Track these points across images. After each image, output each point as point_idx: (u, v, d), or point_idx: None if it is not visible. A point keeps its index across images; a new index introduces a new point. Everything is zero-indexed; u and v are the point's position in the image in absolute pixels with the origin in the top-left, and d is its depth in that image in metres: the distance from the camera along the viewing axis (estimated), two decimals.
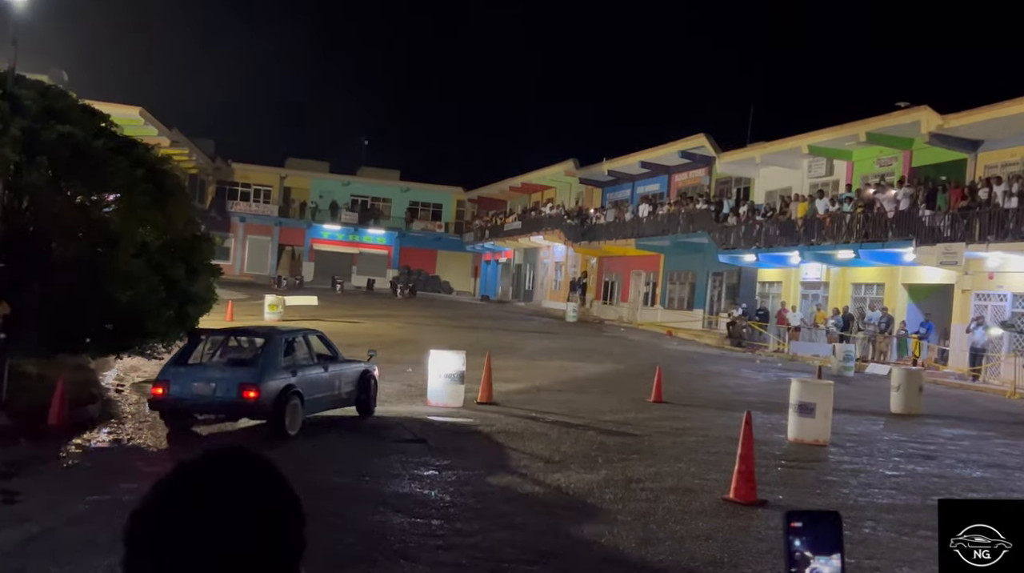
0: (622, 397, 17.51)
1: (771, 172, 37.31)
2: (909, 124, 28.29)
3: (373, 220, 68.09)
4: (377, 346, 17.11)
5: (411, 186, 69.60)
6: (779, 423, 14.35)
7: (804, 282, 34.48)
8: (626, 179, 49.29)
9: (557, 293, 54.18)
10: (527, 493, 9.13)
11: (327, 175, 68.42)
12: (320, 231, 66.67)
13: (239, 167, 65.09)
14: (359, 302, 42.44)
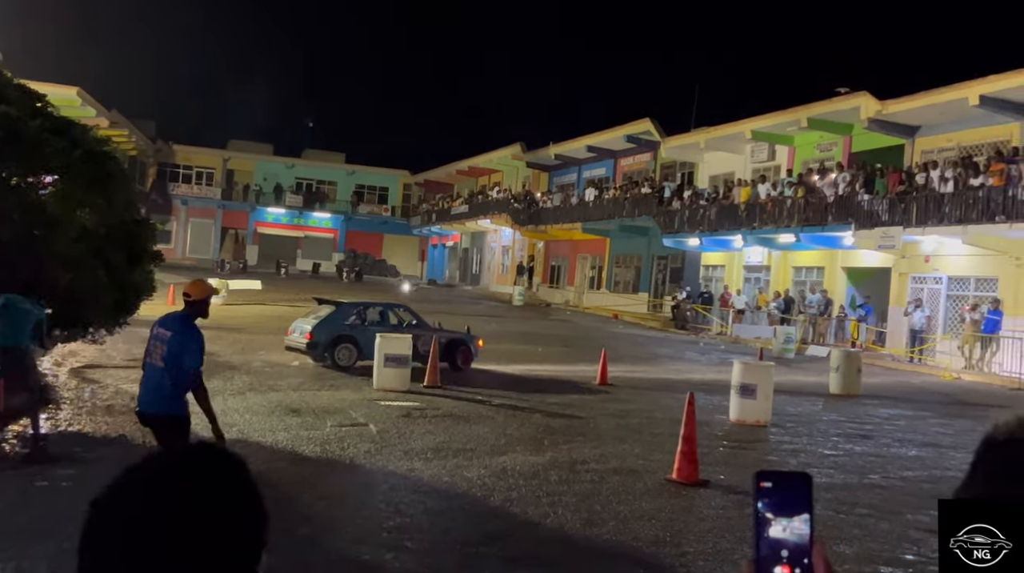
0: (566, 382, 17.63)
1: (715, 157, 37.73)
2: (849, 110, 28.80)
3: (318, 203, 67.43)
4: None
5: (357, 169, 69.03)
6: (721, 405, 14.58)
7: (747, 266, 34.99)
8: (573, 163, 49.45)
9: (504, 277, 54.25)
10: (473, 476, 9.17)
11: (271, 157, 67.54)
12: (264, 214, 65.85)
13: (181, 149, 63.93)
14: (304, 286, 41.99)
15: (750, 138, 33.96)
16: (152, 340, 6.52)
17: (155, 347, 6.46)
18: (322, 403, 13.17)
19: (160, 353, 6.39)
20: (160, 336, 6.46)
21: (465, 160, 59.61)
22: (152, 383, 6.42)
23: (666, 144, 38.98)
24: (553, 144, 48.68)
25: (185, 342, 6.33)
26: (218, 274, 41.23)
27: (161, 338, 6.44)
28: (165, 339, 6.41)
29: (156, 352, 6.43)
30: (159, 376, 6.37)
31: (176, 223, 63.48)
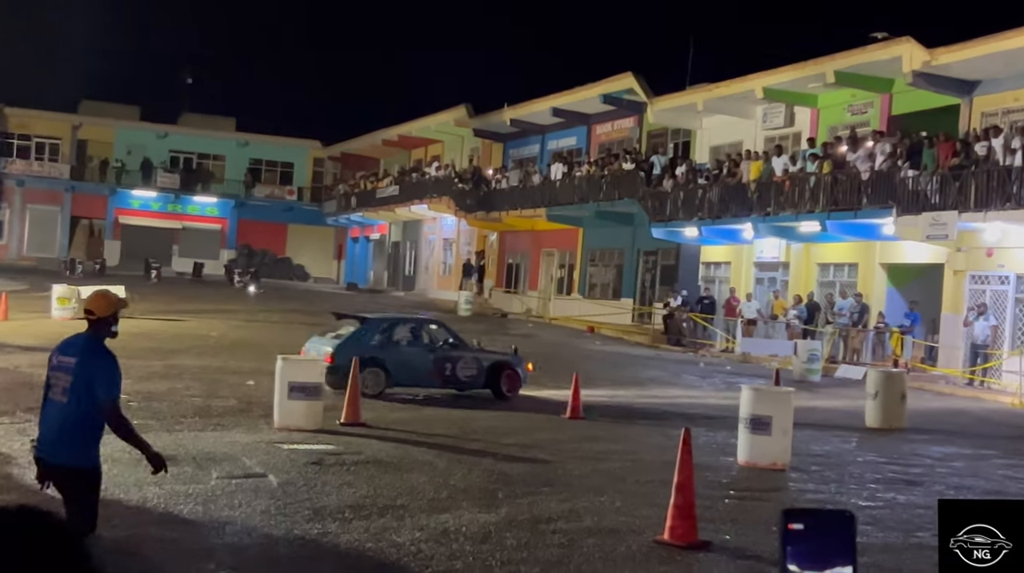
0: (530, 413, 17.64)
1: (717, 122, 38.06)
2: (888, 61, 29.21)
3: (201, 184, 66.96)
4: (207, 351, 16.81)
5: (252, 139, 68.71)
6: (727, 443, 14.68)
7: (759, 262, 35.35)
8: (534, 131, 49.62)
9: (447, 279, 54.24)
10: (404, 541, 9.13)
11: (137, 124, 66.97)
12: (128, 199, 65.25)
13: (15, 113, 63.13)
14: (183, 293, 41.60)
15: (762, 98, 34.32)
16: (52, 371, 6.66)
17: (56, 379, 6.60)
18: (206, 447, 13.03)
19: (63, 386, 6.53)
20: (62, 365, 6.61)
21: (394, 127, 59.52)
22: (54, 424, 6.54)
23: (654, 106, 39.26)
24: (508, 107, 48.78)
25: (94, 369, 6.52)
26: (67, 279, 40.64)
27: (63, 367, 6.59)
28: (69, 368, 6.55)
29: (58, 385, 6.57)
30: (62, 415, 6.50)
31: (9, 211, 62.65)
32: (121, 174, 64.83)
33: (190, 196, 66.33)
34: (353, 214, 62.60)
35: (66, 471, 6.53)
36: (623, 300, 41.10)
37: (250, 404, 16.64)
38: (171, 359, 21.71)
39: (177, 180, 65.99)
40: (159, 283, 47.70)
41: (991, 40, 26.47)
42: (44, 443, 6.65)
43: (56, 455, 6.52)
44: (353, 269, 66.51)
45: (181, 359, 21.84)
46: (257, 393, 17.38)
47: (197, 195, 66.54)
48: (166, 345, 24.21)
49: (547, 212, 42.63)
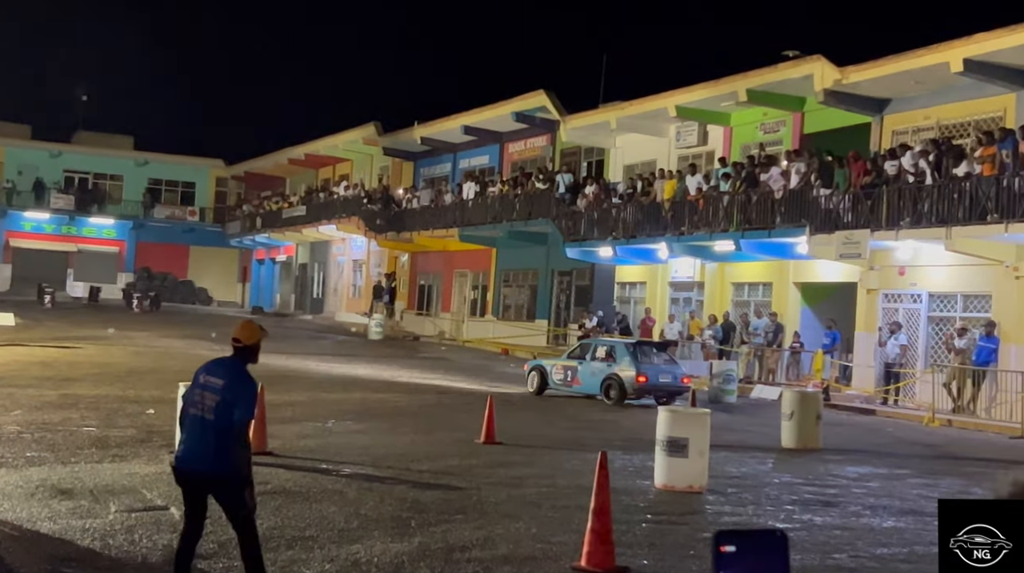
0: (443, 438, 17.58)
1: (631, 141, 38.48)
2: (800, 79, 29.84)
3: (97, 205, 65.90)
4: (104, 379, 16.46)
5: (151, 158, 67.85)
6: (644, 466, 14.77)
7: (673, 282, 35.76)
8: (445, 150, 49.71)
9: (356, 302, 53.98)
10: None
11: (28, 143, 65.84)
12: (20, 221, 64.02)
13: None
14: (78, 319, 40.82)
15: (675, 116, 34.79)
16: (198, 389, 7.55)
17: (202, 397, 7.49)
18: (104, 480, 12.76)
19: (209, 404, 7.44)
20: (209, 385, 7.52)
21: (300, 146, 59.21)
22: (201, 439, 7.48)
23: (567, 124, 39.58)
24: (419, 124, 48.82)
25: (238, 393, 7.45)
26: None
27: (210, 387, 7.50)
28: (216, 388, 7.47)
29: (203, 403, 7.47)
30: (208, 430, 7.43)
31: None
32: (12, 195, 63.56)
33: (86, 218, 65.24)
34: (258, 235, 62.05)
35: (216, 478, 7.49)
36: (538, 321, 41.27)
37: (150, 434, 16.33)
38: (66, 388, 21.24)
39: (72, 201, 64.83)
40: (53, 308, 46.75)
41: (901, 59, 27.15)
42: (191, 455, 7.53)
43: (205, 466, 7.44)
44: (259, 292, 65.89)
45: (77, 388, 21.36)
46: (158, 422, 17.08)
47: (93, 216, 65.46)
48: (61, 373, 23.69)
49: (459, 232, 42.69)
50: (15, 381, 21.65)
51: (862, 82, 28.58)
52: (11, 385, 21.00)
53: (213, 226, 67.88)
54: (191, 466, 7.54)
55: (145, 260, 65.23)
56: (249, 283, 68.41)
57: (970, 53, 25.39)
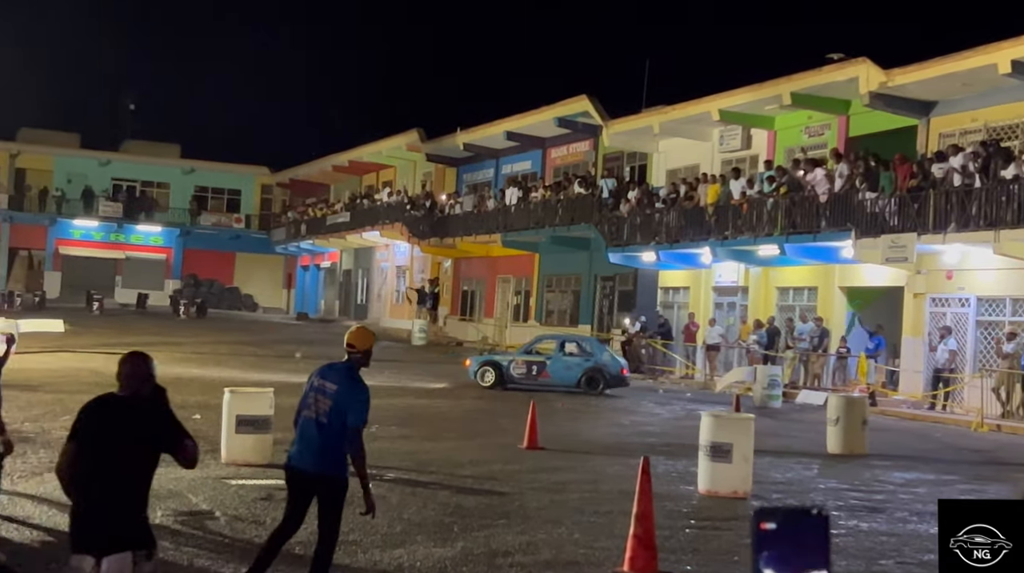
0: (486, 443, 17.60)
1: (674, 145, 38.36)
2: (845, 82, 29.62)
3: (145, 213, 66.51)
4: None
5: (197, 166, 68.41)
6: (688, 471, 14.71)
7: (717, 287, 35.59)
8: (488, 155, 49.76)
9: (400, 307, 54.12)
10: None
11: (77, 151, 66.56)
12: (69, 229, 64.68)
13: None
14: (126, 325, 41.23)
15: (718, 120, 34.63)
16: (312, 392, 7.87)
17: (316, 400, 7.81)
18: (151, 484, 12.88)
19: (325, 408, 7.76)
20: (324, 389, 7.83)
21: (344, 153, 59.48)
22: (314, 440, 7.76)
23: (609, 129, 39.52)
24: (461, 131, 48.90)
25: (352, 398, 7.79)
26: (4, 312, 40.13)
27: (326, 391, 7.82)
28: (331, 393, 7.80)
29: (318, 406, 7.79)
30: (323, 432, 7.74)
31: None
32: (61, 203, 64.28)
33: (133, 225, 65.86)
34: (303, 242, 62.39)
35: (324, 479, 7.78)
36: (580, 326, 41.16)
37: (196, 439, 16.44)
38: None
39: (120, 209, 65.47)
40: (101, 315, 47.25)
41: (948, 60, 26.89)
42: (303, 455, 7.80)
43: (316, 466, 7.74)
44: (303, 298, 66.24)
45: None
46: (203, 427, 17.20)
47: (141, 224, 66.07)
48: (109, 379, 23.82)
49: (502, 238, 42.71)
50: (64, 387, 21.90)
51: (908, 84, 28.33)
52: (60, 391, 21.24)
53: (258, 233, 68.32)
54: (302, 466, 7.82)
55: (192, 267, 65.77)
56: (294, 289, 68.80)
57: (1018, 54, 25.12)
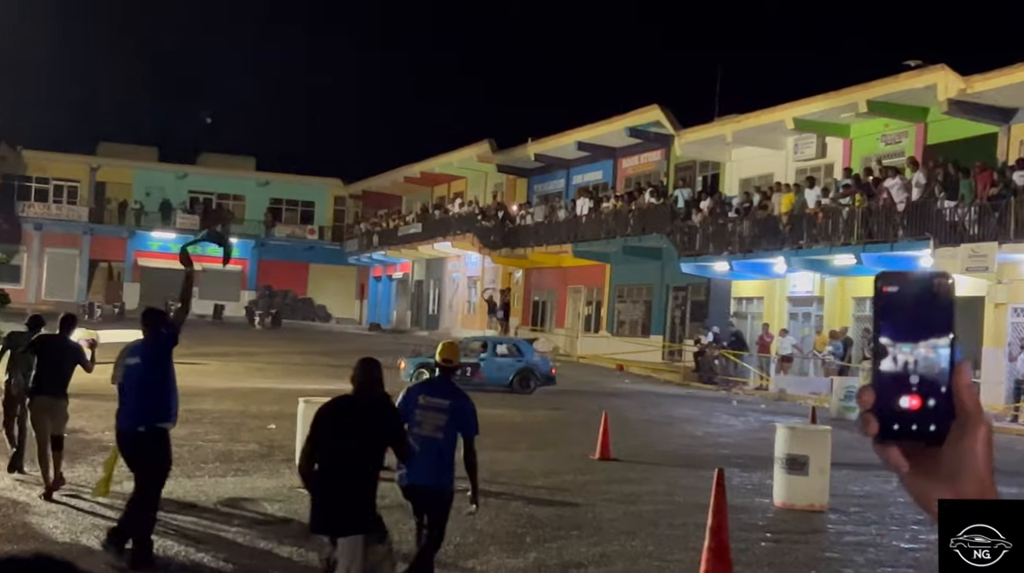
0: (558, 454, 17.57)
1: (747, 154, 38.07)
2: (923, 89, 29.20)
3: (221, 225, 67.30)
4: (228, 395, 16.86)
5: (272, 178, 69.14)
6: (763, 484, 14.56)
7: (792, 297, 35.22)
8: (559, 166, 49.75)
9: (472, 317, 54.25)
10: None
11: (155, 165, 67.56)
12: (147, 241, 65.65)
13: (33, 156, 63.81)
14: (203, 336, 41.71)
15: (792, 129, 34.33)
16: (420, 410, 8.14)
17: (425, 417, 8.11)
18: (227, 493, 13.03)
19: (440, 423, 8.09)
20: (435, 406, 8.17)
21: (416, 164, 59.80)
22: (431, 456, 7.96)
23: (681, 139, 39.33)
24: (532, 141, 48.96)
25: (467, 409, 8.27)
26: (86, 322, 40.89)
27: (435, 407, 8.16)
28: (442, 408, 8.15)
29: (430, 423, 8.09)
30: (438, 447, 8.04)
31: (27, 255, 63.15)
32: (140, 216, 65.32)
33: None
34: (375, 253, 62.80)
35: (440, 492, 8.08)
36: (652, 337, 40.99)
37: (272, 448, 16.64)
38: (191, 403, 21.67)
39: (196, 221, 66.37)
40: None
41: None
42: (421, 471, 7.99)
43: (433, 480, 8.02)
44: (376, 309, 66.64)
45: (201, 403, 21.86)
46: (279, 437, 17.39)
47: None
48: (186, 388, 24.26)
49: (573, 248, 42.66)
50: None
51: (988, 91, 27.85)
52: None
53: (332, 244, 68.86)
54: (421, 481, 8.08)
55: (267, 278, 66.47)
56: (367, 300, 69.26)
57: None
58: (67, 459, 14.12)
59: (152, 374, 9.52)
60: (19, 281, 59.78)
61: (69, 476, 13.22)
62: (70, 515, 11.47)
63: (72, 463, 14.26)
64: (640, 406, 26.06)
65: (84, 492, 12.58)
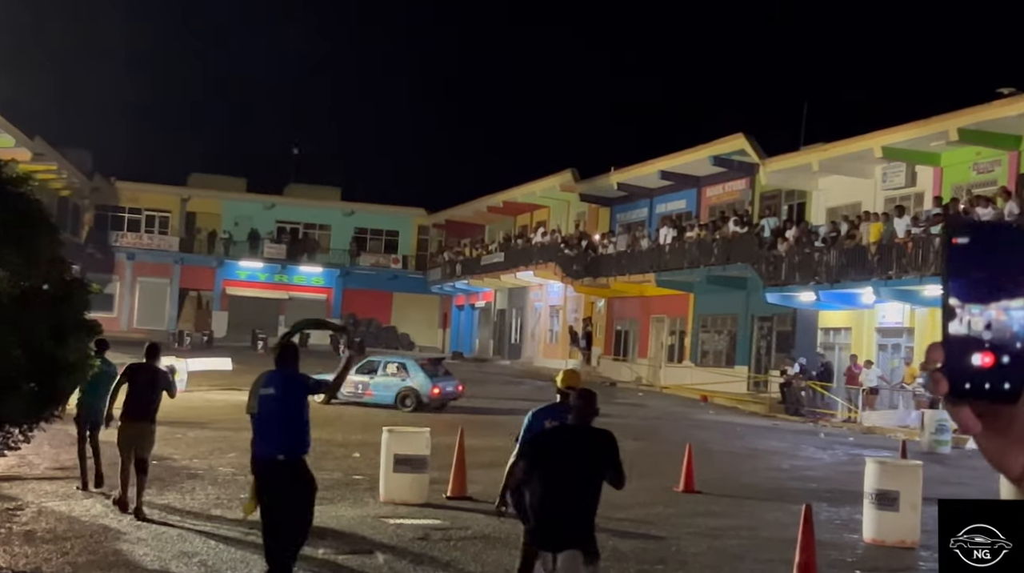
0: (641, 485, 17.41)
1: (834, 183, 37.63)
2: (1016, 117, 28.73)
3: (307, 254, 68.19)
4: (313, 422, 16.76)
5: (357, 208, 69.85)
6: (852, 519, 14.31)
7: (881, 328, 34.66)
8: (642, 195, 49.63)
9: (553, 347, 54.21)
10: None
11: (244, 195, 68.63)
12: (235, 270, 66.68)
13: (126, 187, 65.24)
14: None
15: (881, 157, 33.88)
16: None
17: None
18: (312, 522, 13.11)
19: None
20: None
21: (499, 193, 60.07)
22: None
23: (766, 167, 39.02)
24: (615, 170, 48.96)
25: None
26: (175, 350, 41.64)
27: None
28: None
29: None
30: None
31: (120, 284, 64.44)
32: (229, 245, 66.37)
33: (296, 266, 67.50)
34: (458, 282, 63.11)
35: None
36: (737, 368, 40.60)
37: (356, 477, 16.74)
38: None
39: (283, 250, 67.32)
40: (266, 353, 48.50)
41: None
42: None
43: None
44: (459, 337, 66.89)
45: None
46: (363, 465, 17.50)
47: (303, 265, 67.69)
48: None
49: (656, 277, 42.46)
50: (230, 425, 22.52)
51: None
52: (226, 428, 21.87)
53: (415, 273, 69.32)
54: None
55: (351, 306, 67.06)
56: (449, 329, 69.57)
57: None
58: (156, 486, 14.37)
59: (289, 404, 9.65)
60: (112, 309, 60.98)
61: (158, 502, 13.44)
62: (160, 541, 11.65)
63: (161, 491, 14.50)
64: (724, 438, 25.78)
65: (172, 519, 12.77)
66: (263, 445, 9.65)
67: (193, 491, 14.98)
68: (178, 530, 12.19)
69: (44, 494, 14.02)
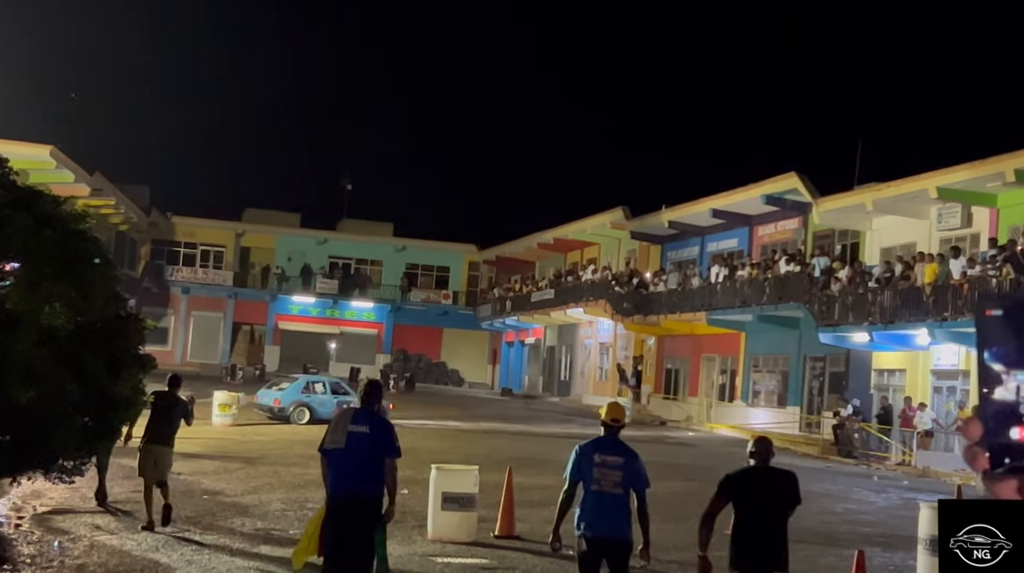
0: (692, 526, 17.15)
1: (888, 223, 37.31)
2: None
3: (358, 289, 68.58)
4: None
5: (409, 244, 70.22)
6: (905, 565, 14.06)
7: (936, 370, 34.21)
8: (693, 233, 49.47)
9: (603, 384, 54.00)
10: None
11: (297, 231, 69.20)
12: (288, 305, 67.15)
13: (182, 222, 66.06)
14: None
15: (936, 198, 33.55)
16: (597, 469, 8.75)
17: (604, 475, 8.74)
18: None
19: (615, 480, 8.76)
20: (609, 463, 8.78)
21: (550, 230, 60.15)
22: (613, 510, 8.79)
23: (820, 207, 38.75)
24: (667, 208, 48.87)
25: (638, 466, 8.92)
26: (228, 384, 41.91)
27: (611, 465, 8.78)
28: (618, 465, 8.79)
29: (609, 480, 8.75)
30: (619, 502, 8.80)
31: (175, 318, 65.04)
32: (282, 280, 66.90)
33: (347, 301, 67.86)
34: (508, 318, 63.13)
35: (625, 543, 8.86)
36: (789, 408, 40.21)
37: (404, 514, 16.65)
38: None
39: (335, 285, 67.72)
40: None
41: None
42: (603, 524, 8.75)
43: (616, 532, 8.76)
44: (508, 374, 66.84)
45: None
46: (411, 502, 17.44)
47: (354, 300, 68.05)
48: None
49: (707, 316, 42.24)
50: (281, 459, 22.60)
51: None
52: (277, 463, 21.94)
53: (465, 309, 69.46)
54: (603, 533, 8.74)
55: (401, 342, 67.28)
56: (499, 365, 69.56)
57: None
58: (202, 525, 14.42)
59: (378, 444, 9.66)
60: (166, 343, 61.60)
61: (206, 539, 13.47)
62: None
63: (207, 529, 14.53)
64: None
65: (221, 555, 12.79)
66: (345, 481, 9.55)
67: (242, 526, 15.01)
68: (227, 565, 12.20)
69: (97, 527, 14.11)
